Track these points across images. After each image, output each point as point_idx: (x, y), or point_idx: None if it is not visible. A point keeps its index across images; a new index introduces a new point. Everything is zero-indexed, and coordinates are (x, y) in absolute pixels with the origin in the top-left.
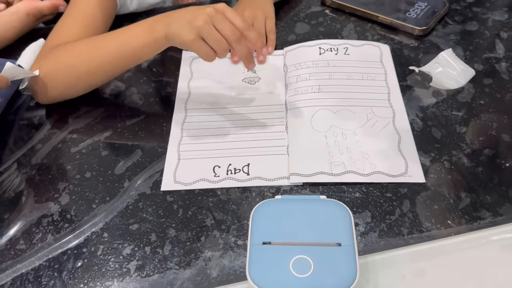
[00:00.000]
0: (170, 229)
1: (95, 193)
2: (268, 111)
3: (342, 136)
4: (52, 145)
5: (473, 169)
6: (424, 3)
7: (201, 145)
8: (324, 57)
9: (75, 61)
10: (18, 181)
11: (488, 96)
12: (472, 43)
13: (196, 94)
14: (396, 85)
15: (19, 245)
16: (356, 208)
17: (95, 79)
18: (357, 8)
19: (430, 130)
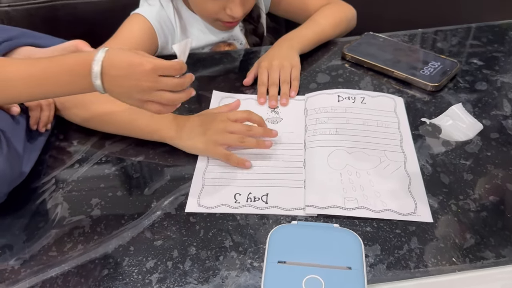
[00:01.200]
0: (191, 247)
1: (125, 210)
2: (288, 148)
3: (356, 175)
4: (88, 166)
5: (478, 214)
6: (437, 63)
7: (224, 174)
8: (342, 104)
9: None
10: (56, 194)
11: (494, 148)
12: (481, 100)
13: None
14: (409, 133)
15: (51, 252)
16: (367, 241)
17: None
18: (374, 64)
19: (439, 175)
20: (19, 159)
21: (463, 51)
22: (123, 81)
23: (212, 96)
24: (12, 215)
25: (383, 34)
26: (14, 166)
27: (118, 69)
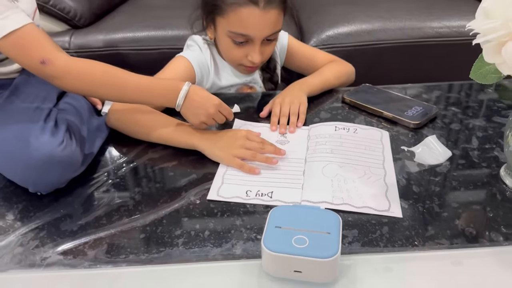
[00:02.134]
0: (210, 223)
1: (160, 196)
2: (292, 161)
3: (344, 181)
4: (133, 166)
5: (440, 214)
6: (420, 107)
7: (239, 176)
8: (338, 133)
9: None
10: (107, 184)
11: (459, 171)
12: (454, 136)
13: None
14: (390, 156)
15: (102, 221)
16: (348, 227)
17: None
18: (368, 106)
19: (411, 186)
20: (83, 153)
21: (443, 101)
22: (197, 106)
23: (234, 123)
24: (73, 195)
25: (378, 86)
26: (79, 157)
27: (198, 97)
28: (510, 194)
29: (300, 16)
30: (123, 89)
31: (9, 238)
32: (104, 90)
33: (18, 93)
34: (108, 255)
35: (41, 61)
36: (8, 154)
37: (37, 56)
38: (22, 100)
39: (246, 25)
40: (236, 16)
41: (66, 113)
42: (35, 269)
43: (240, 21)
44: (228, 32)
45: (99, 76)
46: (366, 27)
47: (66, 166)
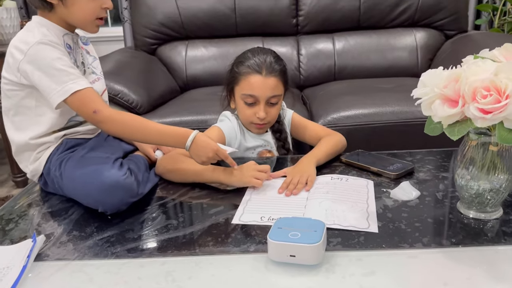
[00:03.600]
0: (233, 233)
1: (197, 218)
2: (296, 200)
3: (335, 211)
4: (177, 201)
5: (405, 229)
6: (400, 164)
7: (257, 207)
8: (333, 181)
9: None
10: (158, 211)
11: (426, 205)
12: (426, 183)
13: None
14: (373, 197)
15: (154, 232)
16: (333, 236)
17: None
18: (359, 164)
19: (386, 213)
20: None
21: (422, 161)
22: (200, 149)
23: None
24: (133, 218)
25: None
26: (136, 187)
27: (201, 143)
28: (462, 218)
29: (312, 105)
30: (148, 133)
31: (90, 241)
32: (134, 134)
33: (95, 148)
34: (160, 250)
35: (94, 111)
36: (87, 182)
37: (91, 108)
38: (97, 153)
39: (253, 88)
40: (246, 81)
41: (128, 162)
42: (107, 259)
43: (249, 85)
44: (241, 96)
45: (131, 124)
46: (363, 112)
47: (127, 191)
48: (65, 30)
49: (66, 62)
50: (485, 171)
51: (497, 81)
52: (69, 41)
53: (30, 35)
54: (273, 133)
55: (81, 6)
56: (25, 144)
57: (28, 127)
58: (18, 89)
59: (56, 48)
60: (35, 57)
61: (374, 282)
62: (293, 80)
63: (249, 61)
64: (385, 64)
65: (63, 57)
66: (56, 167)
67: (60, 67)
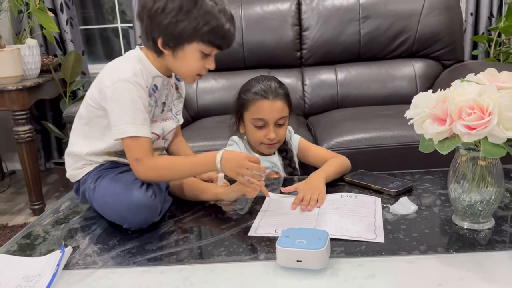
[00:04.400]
0: (245, 244)
1: (210, 232)
2: (309, 215)
3: (344, 224)
4: (192, 218)
5: (404, 238)
6: (399, 182)
7: (272, 221)
8: (343, 198)
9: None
10: (174, 227)
11: (423, 218)
12: (423, 198)
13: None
14: (380, 212)
15: (171, 244)
16: (337, 246)
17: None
18: (361, 182)
19: (386, 225)
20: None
21: (421, 180)
22: (231, 161)
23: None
24: (152, 232)
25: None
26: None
27: (228, 155)
28: (457, 229)
29: (316, 130)
30: (181, 171)
31: (113, 252)
32: (170, 176)
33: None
34: (177, 259)
35: (136, 159)
36: (118, 200)
37: (135, 155)
38: (129, 173)
39: (262, 112)
40: (255, 107)
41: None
42: (129, 267)
43: (258, 110)
44: (251, 120)
45: (166, 170)
46: (364, 136)
47: (151, 211)
48: (160, 73)
49: (140, 106)
50: (476, 184)
51: (480, 101)
52: (159, 82)
53: (124, 69)
54: (280, 152)
55: (189, 62)
56: (79, 152)
57: (92, 139)
58: (96, 106)
59: (138, 89)
60: (118, 91)
61: (374, 284)
62: (298, 108)
63: (255, 88)
64: (385, 93)
65: (140, 100)
66: (92, 180)
67: (132, 109)
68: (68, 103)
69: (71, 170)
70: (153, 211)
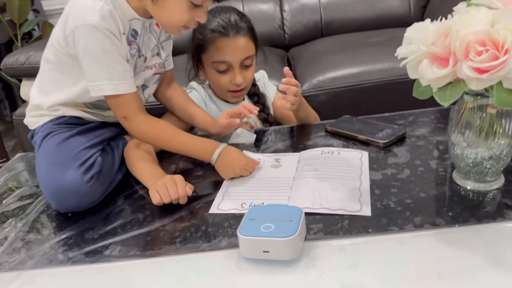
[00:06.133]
0: (203, 226)
1: (165, 210)
2: (282, 180)
3: (324, 191)
4: (145, 191)
5: (394, 208)
6: (390, 130)
7: (237, 193)
8: (323, 155)
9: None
10: (124, 204)
11: (419, 177)
12: (418, 150)
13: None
14: (367, 171)
15: (117, 230)
16: (314, 222)
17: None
18: (345, 132)
19: (373, 189)
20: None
21: (415, 124)
22: (227, 164)
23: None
24: (96, 213)
25: (358, 117)
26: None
27: (228, 157)
28: (458, 190)
29: (296, 67)
30: (175, 145)
31: (46, 245)
32: (161, 144)
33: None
34: (121, 253)
35: (124, 117)
36: (48, 175)
37: (122, 113)
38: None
39: (223, 53)
40: (214, 47)
41: (106, 155)
42: (62, 265)
43: (218, 51)
44: (211, 64)
45: (160, 136)
46: (351, 71)
47: (85, 196)
48: (138, 15)
49: (116, 56)
50: (483, 136)
51: (493, 33)
52: (138, 26)
53: (90, 9)
54: (250, 97)
55: (174, 11)
56: (41, 100)
57: (60, 86)
58: (63, 51)
59: (109, 37)
60: (85, 38)
61: (357, 276)
62: (277, 40)
63: (211, 23)
64: (374, 15)
65: (115, 50)
66: (42, 135)
67: (106, 61)
68: (21, 46)
69: (29, 117)
70: (87, 197)
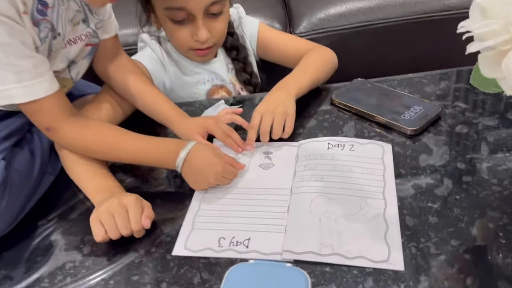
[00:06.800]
0: (164, 282)
1: (111, 248)
2: (276, 193)
3: (334, 221)
4: (87, 207)
5: (436, 257)
6: (419, 107)
7: (213, 217)
8: (331, 151)
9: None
10: (56, 232)
11: (464, 192)
12: (459, 144)
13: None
14: (392, 180)
15: (43, 283)
16: (324, 281)
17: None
18: (359, 109)
19: (404, 217)
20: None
21: (450, 94)
22: (198, 171)
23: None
24: (16, 249)
25: (372, 80)
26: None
27: (198, 162)
28: None
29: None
30: (124, 155)
31: None
32: (104, 157)
33: None
34: None
35: (46, 128)
36: None
37: (43, 123)
38: None
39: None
40: None
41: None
42: None
43: None
44: (164, 12)
45: (99, 146)
46: (361, 6)
47: None
48: None
49: (21, 49)
50: None
51: None
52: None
53: None
54: (227, 52)
55: None
56: None
57: None
58: None
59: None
60: None
61: None
62: None
63: None
64: None
65: (13, 41)
66: None
67: (6, 59)
68: None
69: None
70: None
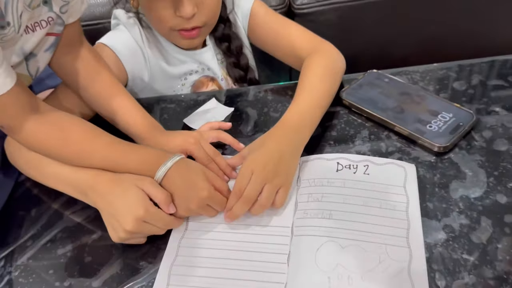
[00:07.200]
0: None
1: None
2: (272, 233)
3: (348, 280)
4: (40, 244)
5: None
6: (449, 114)
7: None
8: (341, 175)
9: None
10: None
11: (508, 237)
12: (499, 166)
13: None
14: (418, 219)
15: None
16: None
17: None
18: (374, 114)
19: (434, 276)
20: None
21: (484, 93)
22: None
23: None
24: None
25: (390, 71)
26: None
27: (180, 182)
28: None
29: None
30: (87, 162)
31: None
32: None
33: None
34: None
35: (2, 126)
36: None
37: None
38: None
39: None
40: None
41: None
42: None
43: None
44: None
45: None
46: None
47: None
48: None
49: None
50: None
51: None
52: None
53: None
54: (218, 41)
55: None
56: None
57: None
58: None
59: None
60: None
61: None
62: None
63: None
64: None
65: None
66: None
67: None
68: None
69: None
70: None
